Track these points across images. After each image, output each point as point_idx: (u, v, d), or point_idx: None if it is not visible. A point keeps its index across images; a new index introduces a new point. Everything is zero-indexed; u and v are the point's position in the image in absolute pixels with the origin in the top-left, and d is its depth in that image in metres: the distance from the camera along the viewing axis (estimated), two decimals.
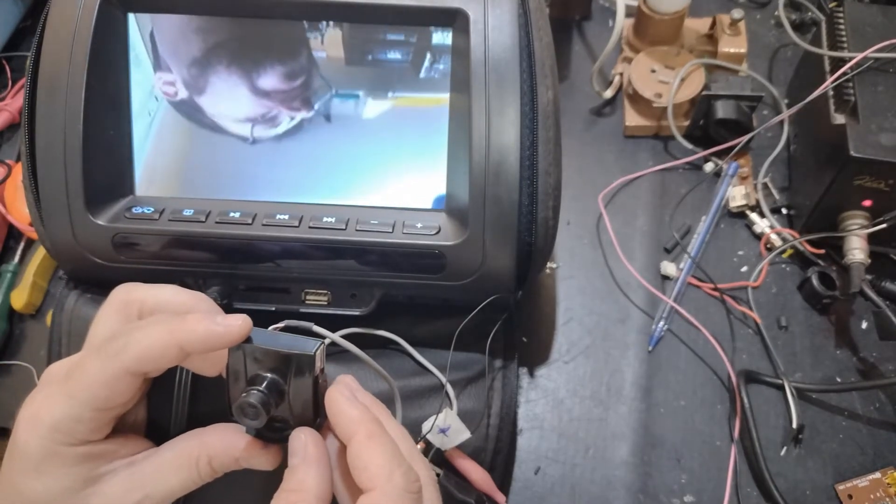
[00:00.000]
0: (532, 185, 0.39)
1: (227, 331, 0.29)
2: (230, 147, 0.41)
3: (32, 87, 0.39)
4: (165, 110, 0.41)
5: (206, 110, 0.41)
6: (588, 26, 0.69)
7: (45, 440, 0.28)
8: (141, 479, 0.30)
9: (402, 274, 0.40)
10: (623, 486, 0.49)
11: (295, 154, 0.41)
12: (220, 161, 0.41)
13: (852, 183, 0.49)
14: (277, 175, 0.41)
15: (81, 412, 0.29)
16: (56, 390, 0.29)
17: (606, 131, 0.63)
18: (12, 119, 0.64)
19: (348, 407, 0.30)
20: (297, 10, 0.40)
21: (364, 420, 0.29)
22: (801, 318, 0.54)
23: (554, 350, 0.54)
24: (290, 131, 0.41)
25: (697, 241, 0.57)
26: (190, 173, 0.42)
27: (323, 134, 0.41)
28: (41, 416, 0.29)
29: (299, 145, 0.41)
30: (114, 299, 0.33)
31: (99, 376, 0.29)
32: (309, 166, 0.41)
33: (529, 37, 0.40)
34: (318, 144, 0.41)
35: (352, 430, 0.29)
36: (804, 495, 0.48)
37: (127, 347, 0.29)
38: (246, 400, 0.29)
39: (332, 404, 0.30)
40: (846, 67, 0.50)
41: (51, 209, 0.39)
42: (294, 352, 0.30)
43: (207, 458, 0.31)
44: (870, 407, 0.51)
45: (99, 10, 0.39)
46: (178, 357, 0.30)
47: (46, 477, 0.29)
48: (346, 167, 0.41)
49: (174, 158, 0.42)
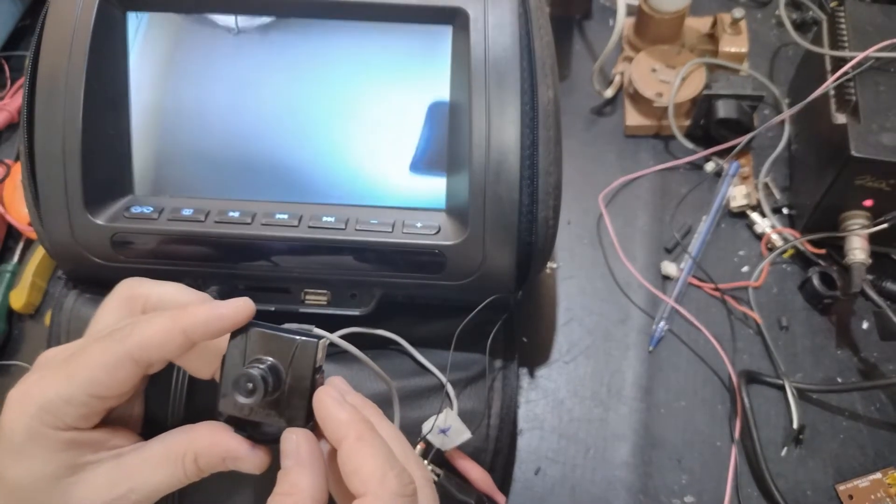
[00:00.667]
0: (532, 185, 0.39)
1: (232, 311, 0.29)
2: (215, 40, 0.40)
3: (31, 87, 0.39)
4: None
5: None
6: (589, 25, 0.69)
7: (32, 420, 0.28)
8: (127, 471, 0.30)
9: (401, 274, 0.40)
10: (623, 486, 0.49)
11: (281, 52, 0.40)
12: (208, 55, 0.40)
13: (853, 183, 0.49)
14: (264, 75, 0.40)
15: (76, 394, 0.28)
16: (52, 372, 0.29)
17: (607, 131, 0.63)
18: (11, 119, 0.64)
19: (337, 409, 0.29)
20: (296, 7, 0.40)
21: (353, 422, 0.29)
22: (801, 318, 0.54)
23: (554, 350, 0.54)
24: (277, 23, 0.40)
25: (698, 240, 0.57)
26: (179, 71, 0.40)
27: (312, 30, 0.40)
28: (31, 395, 0.28)
29: (286, 40, 0.40)
30: (118, 293, 0.33)
31: (100, 359, 0.29)
32: (293, 63, 0.40)
33: (530, 36, 0.39)
34: (306, 42, 0.40)
35: (341, 433, 0.29)
36: (805, 496, 0.48)
37: (132, 333, 0.29)
38: (245, 371, 0.28)
39: (321, 407, 0.30)
40: (847, 67, 0.50)
41: (50, 209, 0.39)
42: (297, 337, 0.30)
43: (194, 455, 0.30)
44: (870, 407, 0.51)
45: (98, 9, 0.39)
46: (183, 345, 0.29)
47: (30, 461, 0.28)
48: (346, 166, 0.41)
49: (179, 154, 0.41)
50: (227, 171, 0.41)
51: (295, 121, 0.41)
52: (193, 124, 0.41)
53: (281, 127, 0.41)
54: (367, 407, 0.32)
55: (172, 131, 0.41)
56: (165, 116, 0.41)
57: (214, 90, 0.41)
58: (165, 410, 0.36)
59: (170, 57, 0.41)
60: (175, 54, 0.41)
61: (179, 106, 0.41)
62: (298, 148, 0.41)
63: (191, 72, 0.41)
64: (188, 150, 0.41)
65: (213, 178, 0.41)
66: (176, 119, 0.41)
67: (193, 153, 0.41)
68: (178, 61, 0.41)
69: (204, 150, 0.41)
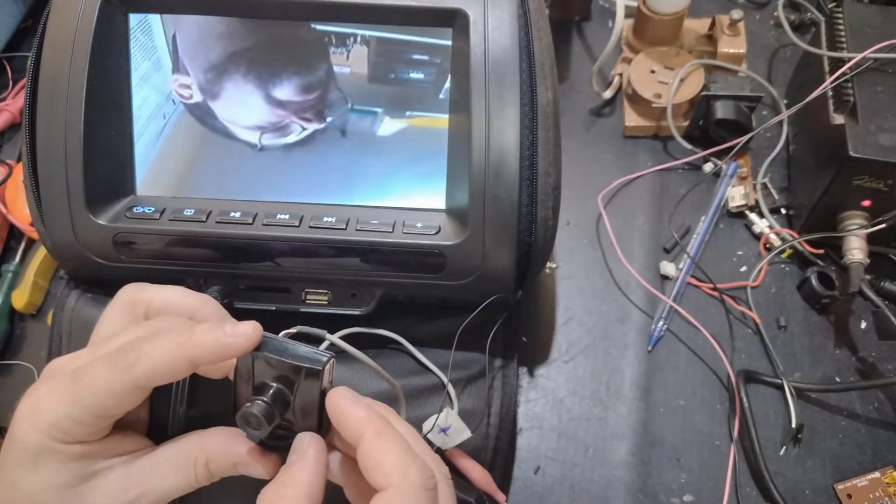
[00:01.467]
0: (532, 185, 0.39)
1: (237, 341, 0.29)
2: (237, 152, 0.41)
3: (33, 88, 0.39)
4: (180, 113, 0.41)
5: (218, 115, 0.41)
6: (587, 27, 0.69)
7: (41, 434, 0.28)
8: (138, 476, 0.30)
9: (402, 273, 0.40)
10: (623, 485, 0.49)
11: (301, 163, 0.41)
12: (227, 165, 0.41)
13: (851, 183, 0.49)
14: (281, 180, 0.41)
15: (83, 416, 0.29)
16: (61, 388, 0.29)
17: (606, 131, 0.63)
18: (13, 119, 0.64)
19: (353, 408, 0.29)
20: (298, 10, 0.40)
21: (371, 418, 0.29)
22: (800, 317, 0.54)
23: (554, 350, 0.54)
24: (301, 142, 0.41)
25: (697, 241, 0.57)
26: (195, 175, 0.42)
27: (334, 146, 0.41)
28: (42, 412, 0.29)
29: (307, 156, 0.41)
30: (121, 299, 0.33)
31: (107, 386, 0.28)
32: (314, 174, 0.41)
33: (529, 37, 0.40)
34: (328, 156, 0.41)
35: (360, 430, 0.29)
36: (803, 495, 0.48)
37: (139, 362, 0.28)
38: (249, 410, 0.29)
39: (335, 408, 0.30)
40: (845, 68, 0.50)
41: (52, 209, 0.39)
42: (303, 364, 0.29)
43: (205, 461, 0.30)
44: (869, 406, 0.51)
45: (100, 10, 0.39)
46: (189, 370, 0.29)
47: (42, 471, 0.29)
48: (348, 171, 0.41)
49: (182, 161, 0.42)
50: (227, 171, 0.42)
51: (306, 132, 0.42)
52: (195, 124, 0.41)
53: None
54: (378, 405, 0.32)
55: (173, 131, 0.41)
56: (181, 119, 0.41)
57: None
58: (167, 411, 0.37)
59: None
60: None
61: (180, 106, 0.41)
62: (301, 148, 0.41)
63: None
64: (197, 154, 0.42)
65: (213, 178, 0.42)
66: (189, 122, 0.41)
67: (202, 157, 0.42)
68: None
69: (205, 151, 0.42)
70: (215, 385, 0.32)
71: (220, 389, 0.31)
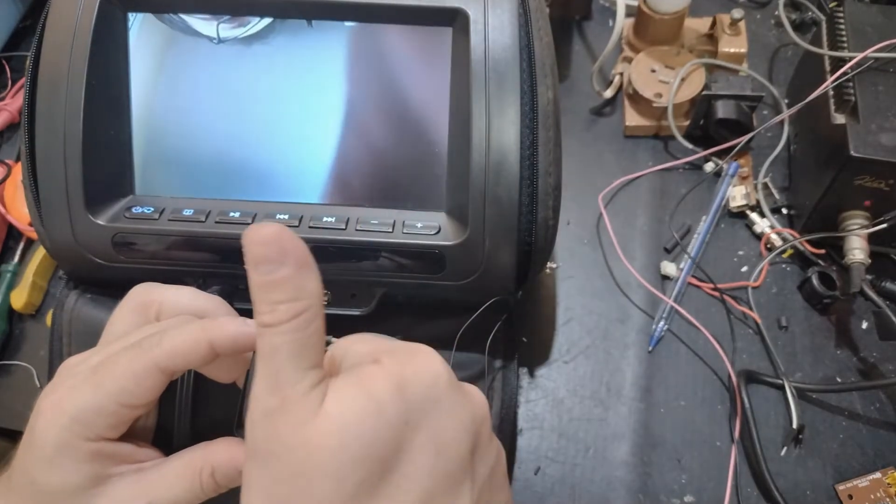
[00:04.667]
0: (532, 185, 0.39)
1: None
2: (201, 51, 0.40)
3: (32, 87, 0.39)
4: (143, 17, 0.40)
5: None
6: (588, 26, 0.69)
7: (63, 430, 0.29)
8: (147, 485, 0.31)
9: (402, 274, 0.40)
10: (623, 486, 0.49)
11: (264, 57, 0.40)
12: (190, 65, 0.40)
13: (852, 183, 0.49)
14: (245, 78, 0.40)
15: (106, 404, 0.29)
16: (81, 381, 0.29)
17: (606, 131, 0.63)
18: (12, 119, 0.64)
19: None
20: (298, 9, 0.40)
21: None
22: (801, 318, 0.54)
23: (554, 350, 0.54)
24: (261, 34, 0.40)
25: (697, 241, 0.57)
26: (164, 80, 0.41)
27: (298, 38, 0.40)
28: (63, 406, 0.29)
29: (267, 48, 0.40)
30: (132, 299, 0.33)
31: (129, 368, 0.29)
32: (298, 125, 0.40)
33: (529, 36, 0.39)
34: (291, 50, 0.40)
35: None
36: (804, 495, 0.48)
37: (161, 342, 0.29)
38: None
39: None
40: (846, 67, 0.50)
41: (50, 209, 0.39)
42: None
43: (211, 470, 0.31)
44: (870, 407, 0.51)
45: (99, 9, 0.39)
46: (208, 355, 0.30)
47: (60, 469, 0.29)
48: (346, 167, 0.41)
49: (151, 68, 0.41)
50: (227, 171, 0.41)
51: (295, 122, 0.41)
52: (193, 125, 0.41)
53: (281, 128, 0.41)
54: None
55: (173, 131, 0.41)
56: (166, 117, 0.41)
57: (213, 92, 0.41)
58: (172, 420, 0.37)
59: (163, 62, 0.41)
60: (166, 60, 0.41)
61: (179, 107, 0.41)
62: (299, 148, 0.41)
63: (186, 77, 0.41)
64: (189, 151, 0.41)
65: (213, 178, 0.41)
66: (176, 119, 0.41)
67: (194, 154, 0.41)
68: (170, 66, 0.41)
69: (204, 151, 0.41)
70: (217, 394, 0.32)
71: (221, 399, 0.31)
